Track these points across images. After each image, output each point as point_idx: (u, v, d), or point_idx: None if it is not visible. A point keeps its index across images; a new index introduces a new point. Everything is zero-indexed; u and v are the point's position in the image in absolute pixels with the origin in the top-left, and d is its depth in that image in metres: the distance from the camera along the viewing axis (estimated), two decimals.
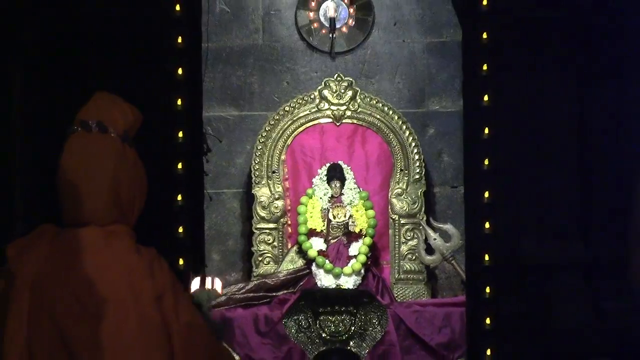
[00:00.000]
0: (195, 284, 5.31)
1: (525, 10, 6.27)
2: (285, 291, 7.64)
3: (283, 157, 7.93)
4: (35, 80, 6.14)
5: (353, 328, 7.31)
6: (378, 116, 7.97)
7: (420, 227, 7.89)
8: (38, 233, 4.51)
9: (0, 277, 4.43)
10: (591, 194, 6.57)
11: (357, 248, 7.75)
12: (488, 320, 6.44)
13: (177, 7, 6.29)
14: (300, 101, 8.00)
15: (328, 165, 7.86)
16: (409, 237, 7.92)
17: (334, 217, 7.77)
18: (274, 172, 7.92)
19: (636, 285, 4.69)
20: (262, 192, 7.90)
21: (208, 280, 5.36)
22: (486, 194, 6.44)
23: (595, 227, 6.48)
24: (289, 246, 7.88)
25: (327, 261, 7.69)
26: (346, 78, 8.00)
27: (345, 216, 7.78)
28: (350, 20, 8.18)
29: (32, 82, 6.12)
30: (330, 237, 7.77)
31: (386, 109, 7.98)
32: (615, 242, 4.68)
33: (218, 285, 5.43)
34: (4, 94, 5.90)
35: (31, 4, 6.09)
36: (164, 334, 4.39)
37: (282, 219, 7.90)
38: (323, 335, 7.28)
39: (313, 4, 8.16)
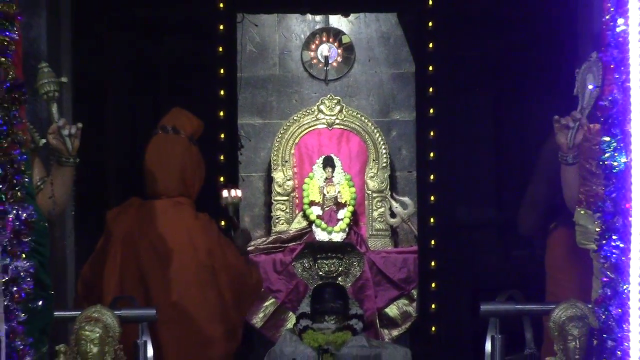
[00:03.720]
0: (224, 194, 5.19)
1: (458, 51, 6.27)
2: (294, 243, 7.62)
3: (292, 151, 7.91)
4: (124, 97, 6.14)
5: (340, 268, 7.31)
6: (357, 123, 7.95)
7: (386, 199, 7.88)
8: (128, 203, 4.53)
9: (102, 234, 4.46)
10: (502, 176, 6.59)
11: (343, 213, 7.72)
12: (433, 263, 6.46)
13: (220, 49, 6.30)
14: (304, 113, 7.97)
15: (323, 157, 7.83)
16: (378, 206, 7.90)
17: (328, 192, 7.76)
18: (286, 161, 7.90)
19: (522, 232, 4.68)
20: (278, 175, 7.88)
21: (225, 192, 5.19)
22: (431, 177, 6.46)
23: (506, 199, 6.50)
24: (297, 212, 7.86)
25: (323, 222, 7.68)
26: (336, 97, 7.97)
27: (335, 191, 7.76)
28: (339, 58, 8.15)
29: (122, 99, 6.11)
30: (325, 206, 7.75)
31: (363, 118, 7.96)
32: (519, 209, 4.69)
33: (238, 192, 5.20)
34: (100, 107, 5.89)
35: (119, 47, 6.07)
36: (214, 275, 4.41)
37: (292, 194, 7.88)
38: (320, 273, 7.29)
39: (313, 46, 8.14)
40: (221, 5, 6.28)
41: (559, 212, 4.09)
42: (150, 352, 3.50)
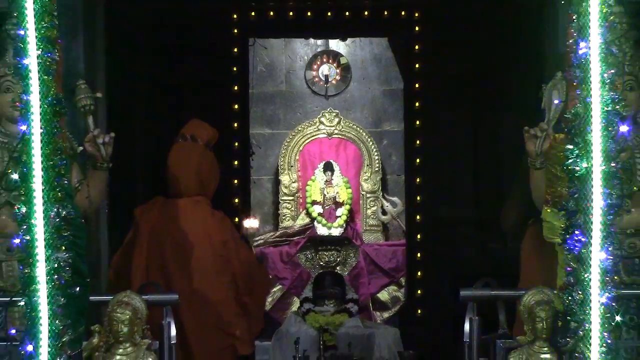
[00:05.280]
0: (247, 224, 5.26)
1: (441, 70, 6.28)
2: (298, 237, 7.63)
3: (297, 157, 7.92)
4: (151, 110, 6.14)
5: (338, 259, 7.32)
6: (353, 133, 7.96)
7: (379, 199, 7.89)
8: (153, 201, 4.54)
9: (131, 229, 4.47)
10: (480, 179, 6.58)
11: (341, 211, 7.74)
12: (419, 255, 6.46)
13: (234, 69, 6.33)
14: (307, 124, 7.99)
15: (324, 162, 7.85)
16: (371, 205, 7.91)
17: (327, 193, 7.77)
18: (291, 166, 7.91)
19: (505, 229, 4.69)
20: (285, 178, 7.89)
21: (247, 221, 5.27)
22: (418, 180, 6.46)
23: (483, 199, 6.50)
24: (301, 210, 7.87)
25: (323, 219, 7.69)
26: (334, 111, 7.99)
27: (334, 192, 7.77)
28: (337, 76, 8.17)
29: (149, 111, 6.12)
30: (325, 205, 7.76)
31: (358, 129, 7.97)
32: (494, 208, 4.69)
33: (254, 223, 5.33)
34: (131, 119, 5.89)
35: (147, 67, 6.08)
36: (228, 265, 4.42)
37: (296, 194, 7.89)
38: (321, 263, 7.30)
39: (315, 66, 8.16)
40: (235, 31, 6.36)
41: (537, 211, 4.09)
42: (173, 331, 3.50)
